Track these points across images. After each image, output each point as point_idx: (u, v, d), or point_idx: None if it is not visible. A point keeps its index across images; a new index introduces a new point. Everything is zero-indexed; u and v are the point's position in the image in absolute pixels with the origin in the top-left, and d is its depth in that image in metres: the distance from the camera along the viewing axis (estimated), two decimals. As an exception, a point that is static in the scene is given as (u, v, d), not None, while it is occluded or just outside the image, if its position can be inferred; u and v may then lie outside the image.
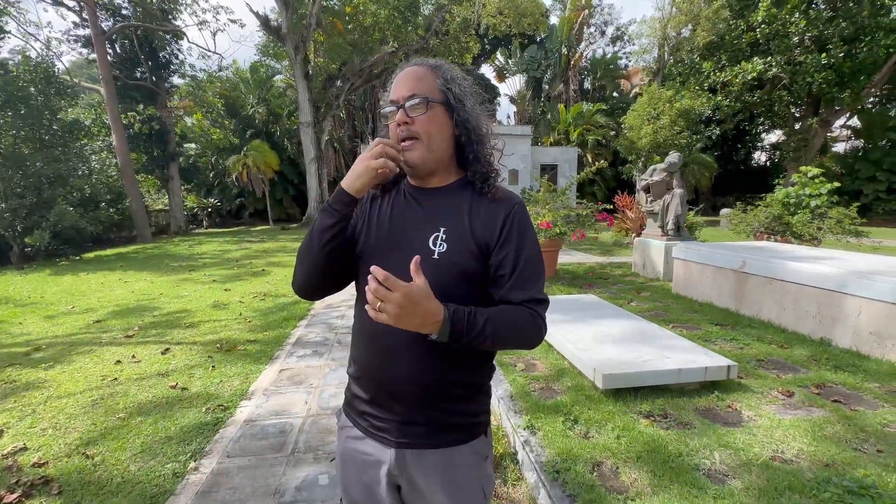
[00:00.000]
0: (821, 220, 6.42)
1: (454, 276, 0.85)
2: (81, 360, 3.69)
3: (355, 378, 0.95)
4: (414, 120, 0.87)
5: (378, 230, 0.93)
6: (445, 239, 0.87)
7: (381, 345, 0.87)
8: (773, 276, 4.02)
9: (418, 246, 0.87)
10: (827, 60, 14.19)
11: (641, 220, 8.68)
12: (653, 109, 16.12)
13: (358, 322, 0.94)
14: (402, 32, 15.86)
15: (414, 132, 0.87)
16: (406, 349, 0.85)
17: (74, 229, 10.22)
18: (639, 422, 2.31)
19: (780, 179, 16.52)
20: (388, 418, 0.89)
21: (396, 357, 0.86)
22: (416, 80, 0.89)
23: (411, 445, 0.88)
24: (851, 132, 20.07)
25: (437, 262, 0.85)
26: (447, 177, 0.95)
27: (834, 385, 2.74)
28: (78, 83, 15.46)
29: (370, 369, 0.91)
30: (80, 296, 6.16)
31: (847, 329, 3.37)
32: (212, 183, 21.47)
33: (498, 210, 0.89)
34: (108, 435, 2.49)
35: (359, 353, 0.93)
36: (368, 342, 0.91)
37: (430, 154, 0.89)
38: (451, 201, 0.92)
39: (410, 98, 0.87)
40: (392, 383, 0.88)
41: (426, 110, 0.87)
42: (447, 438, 0.89)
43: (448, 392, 0.88)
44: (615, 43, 27.09)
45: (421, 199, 0.93)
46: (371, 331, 0.88)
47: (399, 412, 0.88)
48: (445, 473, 0.88)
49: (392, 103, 0.90)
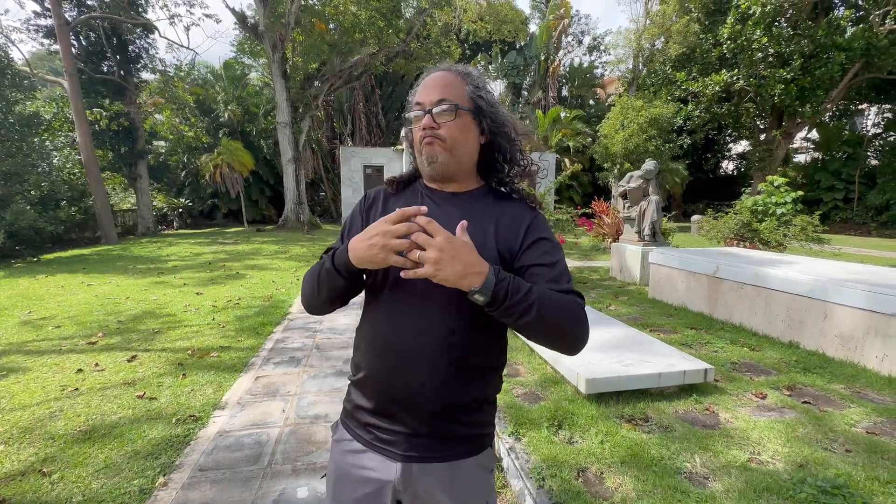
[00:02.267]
0: (786, 227, 6.72)
1: None
2: (39, 369, 3.45)
3: (360, 386, 0.90)
4: (440, 125, 0.85)
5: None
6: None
7: (398, 351, 0.83)
8: (744, 281, 4.17)
9: None
10: (788, 75, 14.95)
11: (618, 225, 8.88)
12: (624, 118, 16.61)
13: (370, 328, 0.89)
14: (384, 35, 15.78)
15: (439, 135, 0.85)
16: (425, 357, 0.82)
17: (32, 229, 9.64)
18: (621, 426, 2.33)
19: (746, 188, 17.28)
20: (395, 430, 0.85)
21: (413, 365, 0.82)
22: (445, 86, 0.87)
23: (419, 459, 0.84)
24: (812, 144, 21.20)
25: None
26: (468, 184, 0.94)
27: (804, 387, 2.85)
28: (36, 74, 14.67)
29: (381, 377, 0.86)
30: (38, 300, 5.80)
31: (814, 332, 3.51)
32: (183, 182, 20.74)
33: (520, 215, 0.89)
34: (67, 450, 2.33)
35: (369, 360, 0.88)
36: (383, 348, 0.86)
37: (451, 156, 0.87)
38: (472, 207, 0.90)
39: (439, 103, 0.85)
40: (405, 393, 0.83)
41: (454, 117, 0.85)
42: (455, 451, 0.86)
43: (462, 404, 0.85)
44: (592, 52, 27.77)
45: (440, 204, 0.90)
46: (387, 337, 0.85)
47: (408, 424, 0.84)
48: (452, 487, 0.85)
49: (418, 106, 0.87)
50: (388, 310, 0.86)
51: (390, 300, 0.86)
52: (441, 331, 0.82)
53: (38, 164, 11.42)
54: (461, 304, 0.79)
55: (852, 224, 17.54)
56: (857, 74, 15.55)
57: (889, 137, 18.33)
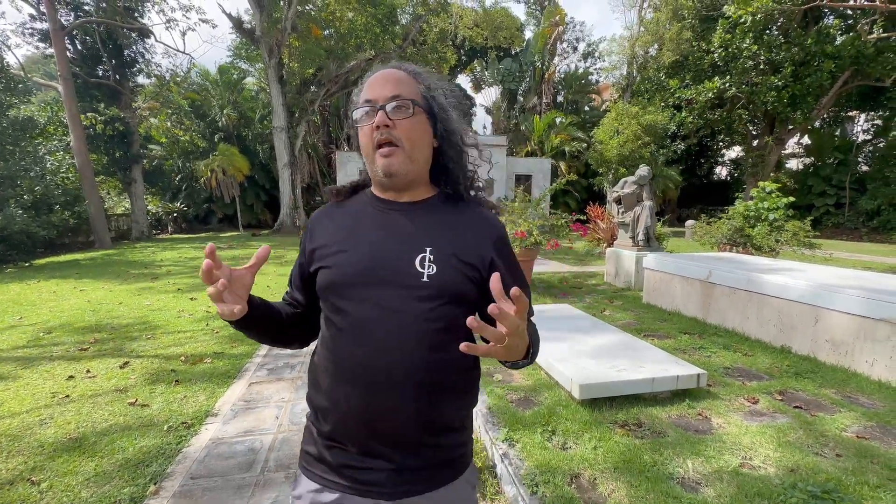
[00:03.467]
0: (778, 232, 6.79)
1: (447, 301, 0.77)
2: (29, 375, 3.42)
3: (330, 425, 0.80)
4: (395, 124, 0.77)
5: (349, 254, 0.81)
6: (434, 260, 0.78)
7: (372, 382, 0.75)
8: (736, 287, 4.20)
9: (404, 268, 0.78)
10: (780, 82, 15.17)
11: (613, 230, 8.94)
12: (619, 124, 16.77)
13: (331, 360, 0.79)
14: (380, 40, 15.87)
15: (395, 137, 0.78)
16: (403, 384, 0.75)
17: (24, 234, 9.56)
18: (615, 432, 2.34)
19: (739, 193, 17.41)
20: (380, 468, 0.77)
21: (392, 394, 0.75)
22: (398, 82, 0.80)
23: (411, 493, 0.78)
24: (803, 150, 21.47)
25: (427, 284, 0.77)
26: (423, 191, 0.87)
27: (795, 391, 2.87)
28: (30, 77, 14.61)
29: (355, 412, 0.76)
30: (30, 306, 5.74)
31: (805, 337, 3.54)
32: (178, 187, 20.67)
33: (483, 231, 0.85)
34: (57, 458, 2.30)
35: (335, 398, 0.78)
36: (352, 381, 0.76)
37: (411, 164, 0.80)
38: (432, 218, 0.84)
39: (394, 99, 0.78)
40: (386, 425, 0.76)
41: (411, 114, 0.78)
42: (445, 475, 0.82)
43: (446, 426, 0.81)
44: (587, 59, 28.04)
45: (395, 216, 0.84)
46: (354, 368, 0.76)
47: (393, 458, 0.77)
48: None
49: (368, 103, 0.79)
50: (355, 339, 0.77)
51: (355, 329, 0.77)
52: (418, 353, 0.76)
53: (31, 168, 11.36)
54: (435, 321, 0.76)
55: (844, 229, 17.74)
56: (846, 82, 15.80)
57: (879, 144, 18.58)
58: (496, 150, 18.03)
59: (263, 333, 0.85)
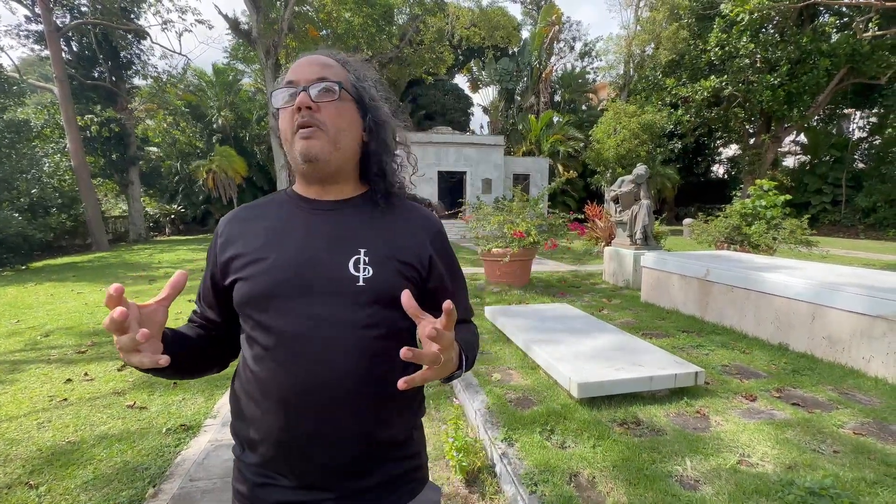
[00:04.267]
0: (775, 230, 6.81)
1: (384, 305, 0.70)
2: (26, 379, 3.41)
3: (258, 461, 0.72)
4: (320, 108, 0.70)
5: (274, 262, 0.72)
6: (369, 262, 0.71)
7: (305, 404, 0.68)
8: (734, 285, 4.21)
9: (337, 271, 0.70)
10: (776, 81, 15.22)
11: (611, 229, 8.96)
12: (617, 124, 16.80)
13: (256, 383, 0.71)
14: (376, 41, 15.86)
15: (319, 121, 0.70)
16: (343, 400, 0.68)
17: (20, 236, 9.53)
18: (613, 430, 2.34)
19: (736, 191, 17.48)
20: (321, 499, 0.70)
21: (330, 414, 0.68)
22: (323, 66, 0.73)
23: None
24: (800, 148, 21.55)
25: (363, 289, 0.70)
26: (351, 188, 0.80)
27: (792, 388, 2.88)
28: (25, 79, 14.55)
29: (288, 441, 0.69)
30: (27, 309, 5.72)
31: (802, 334, 3.56)
32: (176, 188, 20.62)
33: (420, 229, 0.80)
34: (55, 462, 2.30)
35: (264, 426, 0.70)
36: (283, 405, 0.68)
37: (335, 151, 0.72)
38: (362, 217, 0.77)
39: (319, 81, 0.71)
40: (325, 450, 0.69)
41: (337, 98, 0.71)
42: (399, 494, 0.75)
43: (391, 440, 0.74)
44: (583, 58, 28.08)
45: (324, 215, 0.76)
46: (284, 390, 0.68)
47: (334, 486, 0.70)
48: None
49: (290, 85, 0.72)
50: (284, 358, 0.69)
51: (283, 346, 0.69)
52: (358, 365, 0.69)
53: (28, 170, 11.32)
54: (373, 327, 0.70)
55: (840, 227, 17.81)
56: (842, 80, 15.87)
57: (874, 141, 18.67)
58: (494, 150, 18.04)
59: (178, 371, 0.75)
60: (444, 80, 25.64)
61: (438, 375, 0.62)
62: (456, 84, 27.88)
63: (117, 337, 0.57)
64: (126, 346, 0.57)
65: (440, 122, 24.07)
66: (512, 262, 5.99)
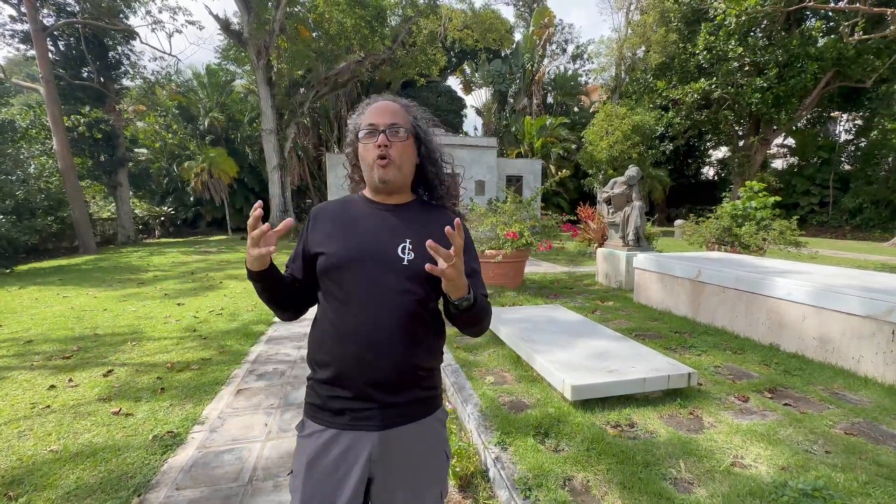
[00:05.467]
0: (765, 231, 6.88)
1: (419, 279, 1.01)
2: (8, 386, 3.32)
3: (331, 380, 1.02)
4: (392, 144, 1.03)
5: (347, 242, 1.04)
6: (412, 248, 1.03)
7: (366, 340, 0.98)
8: (725, 285, 4.24)
9: (391, 254, 1.02)
10: (764, 84, 15.42)
11: (603, 230, 8.99)
12: (608, 125, 16.90)
13: (333, 326, 1.02)
14: (369, 42, 15.80)
15: (391, 155, 1.04)
16: (388, 340, 0.99)
17: (5, 240, 9.32)
18: (607, 433, 2.33)
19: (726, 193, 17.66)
20: (371, 407, 1.00)
21: (380, 348, 0.98)
22: (395, 112, 1.06)
23: (393, 424, 1.00)
24: (788, 150, 21.85)
25: (406, 267, 1.02)
26: (405, 196, 1.14)
27: (784, 389, 2.89)
28: (8, 79, 14.29)
29: (352, 366, 0.99)
30: (10, 314, 5.59)
31: (793, 335, 3.58)
32: (166, 190, 20.36)
33: (448, 219, 1.02)
34: (36, 472, 2.23)
35: (335, 355, 1.01)
36: (351, 340, 0.99)
37: (399, 174, 1.06)
38: (411, 216, 1.10)
39: (392, 126, 1.04)
40: (376, 371, 0.98)
41: (406, 139, 1.06)
42: (419, 411, 1.05)
43: (420, 373, 1.04)
44: (575, 61, 28.26)
45: (384, 214, 1.09)
46: (352, 329, 0.99)
47: (381, 399, 1.00)
48: (422, 440, 1.04)
49: (371, 126, 1.04)
50: (352, 307, 1.00)
51: (352, 299, 1.00)
52: (399, 318, 0.99)
53: (13, 172, 11.08)
54: (411, 294, 1.00)
55: (828, 227, 18.08)
56: (828, 83, 16.12)
57: (860, 143, 18.99)
58: (487, 152, 18.06)
59: (272, 289, 1.05)
60: (438, 82, 25.63)
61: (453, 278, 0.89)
62: (449, 86, 27.87)
63: (251, 233, 0.92)
64: (255, 238, 0.93)
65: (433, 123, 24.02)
66: (505, 263, 5.98)
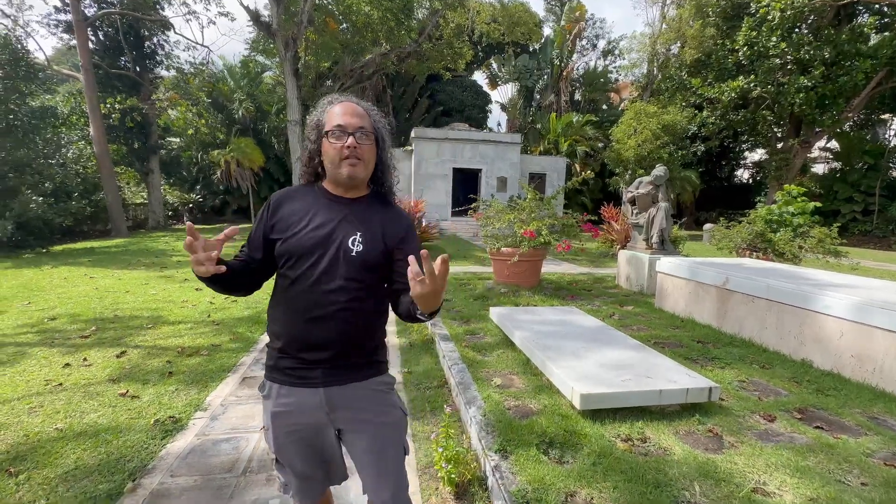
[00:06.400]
0: (802, 238, 6.47)
1: (364, 267, 1.16)
2: (27, 362, 3.42)
3: (283, 348, 1.16)
4: (360, 146, 1.15)
5: (305, 231, 1.16)
6: (361, 241, 1.17)
7: (311, 319, 1.13)
8: (755, 294, 3.97)
9: (342, 246, 1.15)
10: (808, 83, 14.54)
11: (627, 232, 8.68)
12: (637, 124, 16.33)
13: (286, 304, 1.16)
14: (395, 35, 15.74)
15: (360, 155, 1.16)
16: (332, 320, 1.13)
17: (41, 221, 9.75)
18: (616, 446, 2.18)
19: (761, 197, 16.84)
20: (315, 369, 1.15)
21: (325, 326, 1.13)
22: (360, 116, 1.17)
23: (335, 383, 1.17)
24: (830, 154, 20.63)
25: (354, 258, 1.15)
26: (362, 190, 1.25)
27: (816, 409, 2.67)
28: (49, 66, 14.90)
29: (300, 338, 1.14)
30: (39, 291, 5.82)
31: (829, 351, 3.32)
32: (195, 178, 20.94)
33: (399, 221, 1.26)
34: (39, 449, 2.26)
35: (286, 329, 1.16)
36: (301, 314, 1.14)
37: (365, 172, 1.20)
38: (364, 210, 1.22)
39: (361, 129, 1.15)
40: (320, 345, 1.14)
41: (370, 142, 1.19)
42: (360, 375, 1.20)
43: (361, 341, 1.19)
44: (606, 56, 27.47)
45: (341, 207, 1.20)
46: (301, 310, 1.14)
47: (324, 363, 1.15)
48: (365, 398, 1.20)
49: (339, 128, 1.14)
50: (304, 288, 1.13)
51: (305, 281, 1.13)
52: (344, 298, 1.13)
53: (53, 156, 11.58)
54: (356, 281, 1.14)
55: (872, 237, 17.00)
56: (880, 83, 15.09)
57: (913, 149, 17.74)
58: (510, 149, 17.77)
59: (223, 284, 1.14)
60: (463, 77, 25.38)
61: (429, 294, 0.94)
62: (475, 81, 27.58)
63: (192, 255, 1.00)
64: (197, 260, 1.00)
65: (458, 118, 23.82)
66: (521, 262, 5.82)
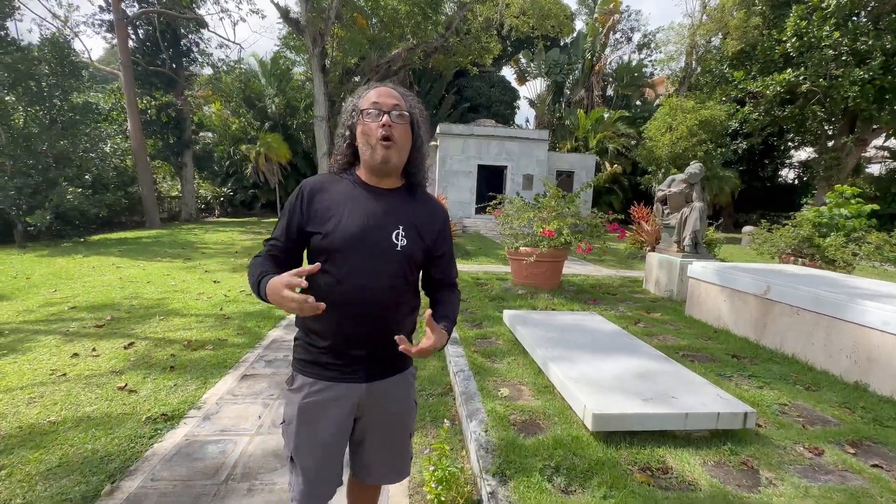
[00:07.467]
0: (857, 244, 5.86)
1: (409, 263, 1.14)
2: (39, 349, 3.46)
3: (323, 344, 1.14)
4: (394, 126, 1.09)
5: (345, 225, 1.09)
6: (404, 235, 1.13)
7: (355, 316, 1.10)
8: (801, 306, 3.57)
9: (385, 240, 1.11)
10: (866, 75, 13.37)
11: (657, 233, 8.20)
12: (672, 119, 15.53)
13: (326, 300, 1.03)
14: (422, 29, 15.58)
15: (393, 136, 1.09)
16: (377, 318, 1.12)
17: (78, 211, 10.19)
18: (633, 476, 1.93)
19: (809, 199, 15.69)
20: (358, 366, 1.15)
21: (370, 324, 1.12)
22: (398, 97, 1.12)
23: (377, 378, 1.18)
24: (889, 153, 19.01)
25: (399, 252, 1.12)
26: (396, 181, 1.20)
27: (873, 443, 2.31)
28: (91, 63, 15.59)
29: (342, 335, 1.12)
30: (67, 279, 6.01)
31: (888, 374, 2.91)
32: (227, 172, 21.56)
33: (436, 215, 1.24)
34: (29, 442, 2.22)
35: (326, 325, 1.12)
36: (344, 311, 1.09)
37: (398, 157, 1.13)
38: (402, 202, 1.17)
39: (396, 108, 1.10)
40: (363, 342, 1.13)
41: (406, 123, 1.12)
42: (397, 367, 1.23)
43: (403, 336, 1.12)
44: (641, 50, 26.39)
45: (378, 198, 1.15)
46: (342, 306, 1.08)
47: (367, 359, 1.15)
48: (396, 391, 1.23)
49: (375, 105, 1.09)
50: (346, 284, 1.09)
51: (347, 277, 1.09)
52: (385, 294, 1.11)
53: (92, 150, 12.10)
54: (401, 277, 1.13)
55: (934, 244, 15.56)
56: (949, 75, 13.70)
57: None
58: (537, 145, 17.32)
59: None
60: (491, 72, 24.97)
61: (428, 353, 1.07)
62: (503, 76, 27.10)
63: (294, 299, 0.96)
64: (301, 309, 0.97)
65: (485, 114, 23.47)
66: (540, 262, 5.54)
